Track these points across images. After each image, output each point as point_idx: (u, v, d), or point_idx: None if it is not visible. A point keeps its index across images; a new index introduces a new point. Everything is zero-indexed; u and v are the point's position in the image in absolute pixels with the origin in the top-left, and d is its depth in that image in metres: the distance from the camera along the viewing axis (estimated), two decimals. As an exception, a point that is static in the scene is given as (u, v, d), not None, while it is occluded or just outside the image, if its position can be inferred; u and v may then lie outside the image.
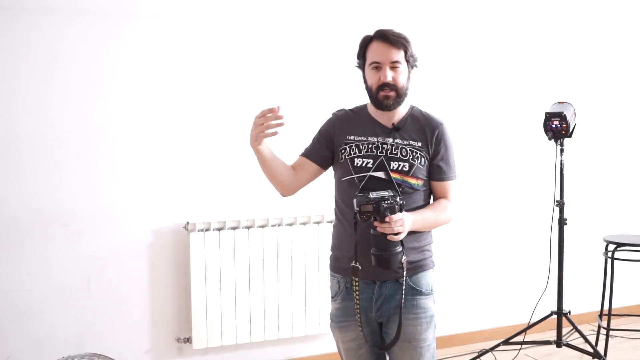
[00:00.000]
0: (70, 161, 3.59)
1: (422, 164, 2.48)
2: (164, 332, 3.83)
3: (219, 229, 3.81)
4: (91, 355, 3.25)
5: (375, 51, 2.44)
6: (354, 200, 2.33)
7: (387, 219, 2.28)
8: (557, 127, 4.04)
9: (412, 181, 2.47)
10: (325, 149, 2.59)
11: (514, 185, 4.64)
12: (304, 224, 3.98)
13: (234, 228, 3.85)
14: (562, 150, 4.11)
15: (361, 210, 2.29)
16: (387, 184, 2.44)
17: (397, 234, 2.30)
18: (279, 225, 3.93)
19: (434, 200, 2.59)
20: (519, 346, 4.31)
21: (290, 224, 3.96)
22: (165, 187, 3.78)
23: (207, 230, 3.78)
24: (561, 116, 4.02)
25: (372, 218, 2.30)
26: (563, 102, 4.18)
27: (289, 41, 4.01)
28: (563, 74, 4.75)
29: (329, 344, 4.16)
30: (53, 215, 3.58)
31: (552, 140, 4.12)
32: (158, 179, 3.76)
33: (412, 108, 2.56)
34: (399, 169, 2.46)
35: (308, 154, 2.63)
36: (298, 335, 4.01)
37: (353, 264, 2.41)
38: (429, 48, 4.28)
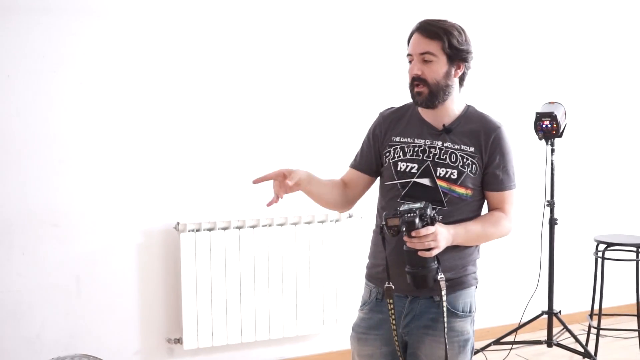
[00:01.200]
0: (59, 161, 3.57)
1: (473, 171, 2.24)
2: (154, 332, 3.82)
3: (210, 230, 3.80)
4: (81, 356, 3.24)
5: (410, 43, 2.27)
6: (383, 214, 2.15)
7: (413, 234, 2.07)
8: (547, 127, 4.05)
9: (460, 190, 2.24)
10: (374, 155, 2.37)
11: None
12: (295, 224, 3.97)
13: (224, 228, 3.84)
14: (552, 150, 4.13)
15: (388, 224, 2.11)
16: (432, 191, 2.23)
17: (430, 249, 2.09)
18: (269, 225, 3.92)
19: (488, 211, 2.37)
20: (509, 346, 4.32)
21: (281, 224, 3.95)
22: (156, 188, 3.77)
23: (197, 230, 3.76)
24: (552, 116, 4.03)
25: (404, 233, 2.10)
26: (553, 102, 4.20)
27: (282, 40, 4.00)
28: (553, 74, 4.76)
29: (320, 344, 4.16)
30: (43, 216, 3.56)
31: (543, 140, 4.13)
32: (148, 179, 3.75)
33: (467, 108, 2.35)
34: (446, 176, 2.23)
35: (356, 165, 2.43)
36: (289, 336, 4.00)
37: (387, 284, 2.18)
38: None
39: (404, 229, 2.08)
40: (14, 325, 3.54)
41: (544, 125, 4.05)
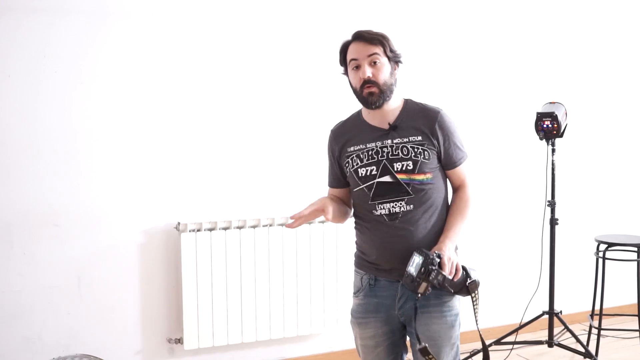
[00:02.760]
0: (60, 161, 3.57)
1: (426, 158, 2.43)
2: (155, 332, 3.82)
3: (210, 230, 3.80)
4: (82, 356, 3.24)
5: (353, 51, 2.44)
6: (406, 285, 2.33)
7: (447, 272, 2.29)
8: (548, 127, 4.05)
9: (420, 177, 2.43)
10: (337, 170, 2.59)
11: (505, 186, 4.64)
12: (296, 224, 3.97)
13: (225, 228, 3.84)
14: (553, 150, 4.13)
15: (424, 293, 2.29)
16: (396, 186, 2.42)
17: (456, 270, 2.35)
18: (270, 225, 3.92)
19: (452, 186, 2.55)
20: (510, 346, 4.32)
21: (282, 224, 3.95)
22: (157, 188, 3.77)
23: (198, 230, 3.77)
24: (552, 116, 4.03)
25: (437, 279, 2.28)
26: (554, 102, 4.20)
27: (281, 42, 4.00)
28: (554, 74, 4.76)
29: (320, 344, 4.17)
30: (43, 216, 3.56)
31: (544, 140, 4.13)
32: (149, 179, 3.75)
33: (406, 102, 2.52)
34: (404, 168, 2.42)
35: (331, 183, 2.65)
36: (290, 336, 4.00)
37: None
38: (421, 48, 4.29)
39: (436, 285, 2.28)
40: (15, 326, 3.54)
41: (544, 125, 4.05)
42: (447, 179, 2.55)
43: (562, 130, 4.10)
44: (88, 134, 3.62)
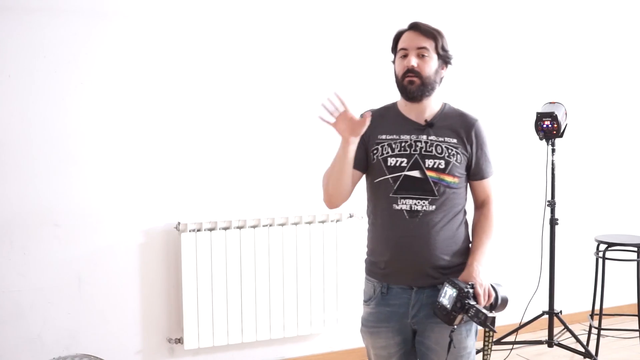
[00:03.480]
0: (61, 161, 3.57)
1: (458, 161, 2.40)
2: (155, 332, 3.82)
3: (211, 230, 3.80)
4: (82, 356, 3.25)
5: (404, 40, 2.41)
6: (439, 317, 2.31)
7: (481, 301, 2.31)
8: (548, 127, 4.06)
9: (449, 179, 2.39)
10: (362, 152, 2.46)
11: (505, 186, 4.63)
12: (296, 224, 3.97)
13: (225, 228, 3.84)
14: (553, 150, 4.13)
15: (459, 324, 2.30)
16: (422, 182, 2.38)
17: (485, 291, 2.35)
18: (270, 225, 3.92)
19: (474, 200, 2.53)
20: (510, 346, 4.32)
21: (282, 224, 3.95)
22: (157, 187, 3.77)
23: (198, 230, 3.77)
24: (552, 116, 4.04)
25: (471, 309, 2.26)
26: (554, 102, 4.20)
27: (281, 41, 4.00)
28: (554, 74, 4.76)
29: (320, 344, 4.16)
30: (44, 216, 3.56)
31: (543, 140, 4.13)
32: (149, 179, 3.75)
33: (444, 105, 2.49)
34: (435, 166, 2.38)
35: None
36: (290, 336, 4.00)
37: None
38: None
39: (477, 323, 2.26)
40: (15, 325, 3.54)
41: (544, 125, 4.06)
42: (471, 191, 2.52)
43: (562, 130, 4.10)
44: (88, 133, 3.62)
